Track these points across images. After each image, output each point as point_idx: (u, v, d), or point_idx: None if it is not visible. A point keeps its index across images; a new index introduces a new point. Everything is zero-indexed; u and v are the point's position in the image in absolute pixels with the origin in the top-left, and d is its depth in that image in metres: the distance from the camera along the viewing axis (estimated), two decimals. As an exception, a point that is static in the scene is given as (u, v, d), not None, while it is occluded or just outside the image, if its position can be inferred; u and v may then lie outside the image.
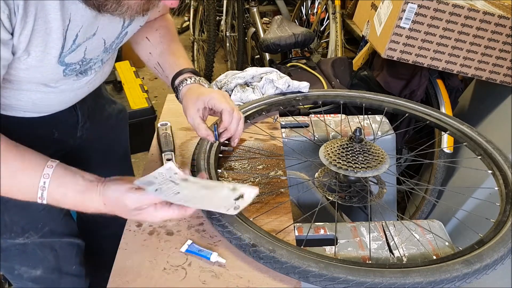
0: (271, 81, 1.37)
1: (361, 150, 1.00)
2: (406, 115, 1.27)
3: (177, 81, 0.96)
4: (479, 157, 1.10)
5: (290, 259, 0.79)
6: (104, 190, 0.72)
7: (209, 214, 0.90)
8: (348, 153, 1.00)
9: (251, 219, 0.90)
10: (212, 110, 0.95)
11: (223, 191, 0.76)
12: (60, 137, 0.96)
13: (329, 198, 1.03)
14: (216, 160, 1.06)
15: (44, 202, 0.71)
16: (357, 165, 0.98)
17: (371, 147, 1.01)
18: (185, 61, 1.00)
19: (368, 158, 0.99)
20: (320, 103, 1.37)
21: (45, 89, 0.83)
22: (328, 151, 1.03)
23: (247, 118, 1.25)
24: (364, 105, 1.31)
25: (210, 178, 0.98)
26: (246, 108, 1.27)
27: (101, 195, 0.72)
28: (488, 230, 0.89)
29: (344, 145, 1.01)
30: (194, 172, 1.00)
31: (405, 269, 0.78)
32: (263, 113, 1.28)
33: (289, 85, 1.37)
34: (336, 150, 1.02)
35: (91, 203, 0.73)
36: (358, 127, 1.01)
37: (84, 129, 1.01)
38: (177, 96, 0.99)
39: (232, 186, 0.76)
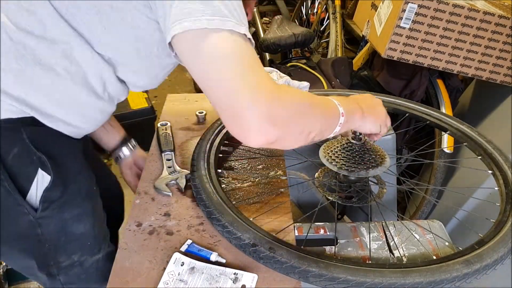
0: (271, 81, 1.37)
1: (361, 150, 1.00)
2: (406, 115, 1.27)
3: None
4: (479, 157, 1.10)
5: (290, 259, 0.78)
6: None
7: (209, 214, 0.90)
8: (348, 153, 1.00)
9: (251, 219, 0.89)
10: None
11: None
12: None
13: (329, 198, 1.03)
14: (216, 160, 1.06)
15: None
16: (357, 165, 0.98)
17: (371, 147, 1.01)
18: None
19: (368, 158, 0.99)
20: (320, 103, 1.36)
21: None
22: (328, 151, 1.03)
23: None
24: (364, 105, 1.30)
25: (210, 178, 0.98)
26: (246, 108, 1.27)
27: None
28: (488, 230, 0.89)
29: (344, 145, 1.01)
30: (194, 172, 1.00)
31: (405, 269, 0.78)
32: (263, 113, 1.28)
33: (289, 85, 1.37)
34: (336, 150, 1.02)
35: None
36: (358, 127, 1.01)
37: None
38: None
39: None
